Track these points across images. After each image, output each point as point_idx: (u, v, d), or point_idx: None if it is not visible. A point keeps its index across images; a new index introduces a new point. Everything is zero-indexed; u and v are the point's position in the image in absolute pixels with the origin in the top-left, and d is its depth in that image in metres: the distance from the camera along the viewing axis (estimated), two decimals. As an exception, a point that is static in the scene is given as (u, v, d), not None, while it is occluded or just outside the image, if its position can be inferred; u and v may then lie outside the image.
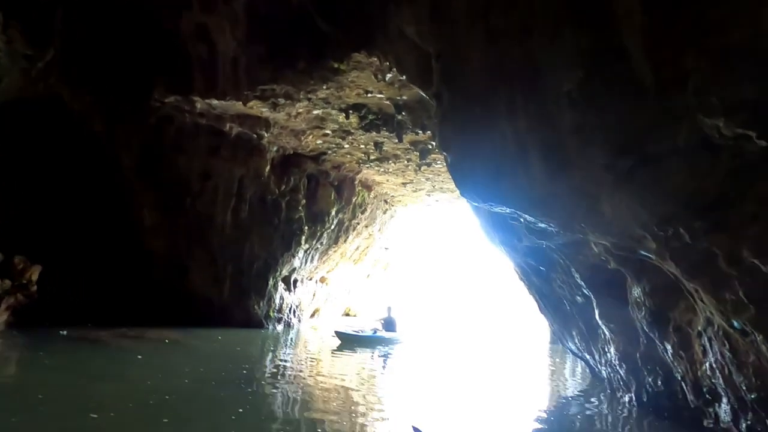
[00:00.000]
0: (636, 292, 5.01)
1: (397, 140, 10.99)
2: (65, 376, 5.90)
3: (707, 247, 3.43)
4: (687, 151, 3.33)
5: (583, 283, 6.36)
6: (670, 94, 3.28)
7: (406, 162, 13.14)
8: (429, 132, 10.07)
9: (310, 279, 15.86)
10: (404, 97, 9.18)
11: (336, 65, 8.34)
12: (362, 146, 12.18)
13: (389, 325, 12.99)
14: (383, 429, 5.21)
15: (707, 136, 3.09)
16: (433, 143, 11.41)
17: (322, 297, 18.58)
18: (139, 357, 7.33)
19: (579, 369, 11.91)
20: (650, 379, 5.31)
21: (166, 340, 8.60)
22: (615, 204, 4.04)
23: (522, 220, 5.54)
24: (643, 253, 4.23)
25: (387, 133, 10.95)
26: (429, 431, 4.28)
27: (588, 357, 7.66)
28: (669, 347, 4.62)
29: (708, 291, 3.62)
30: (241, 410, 4.93)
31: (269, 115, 10.44)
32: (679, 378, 4.69)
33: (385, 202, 17.56)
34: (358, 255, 18.37)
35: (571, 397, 7.97)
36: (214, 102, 9.85)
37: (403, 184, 15.49)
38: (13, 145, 10.18)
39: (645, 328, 5.00)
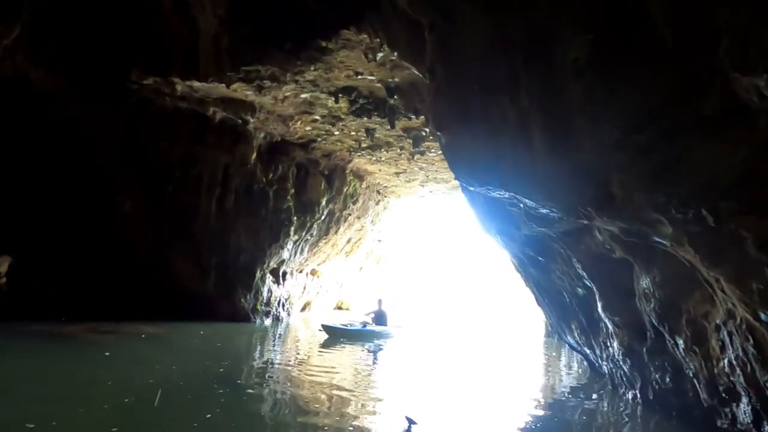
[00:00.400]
0: (644, 282, 4.64)
1: (389, 126, 10.53)
2: (9, 377, 5.21)
3: (733, 230, 3.04)
4: (714, 121, 2.93)
5: (584, 274, 5.99)
6: (696, 55, 2.87)
7: (398, 150, 12.70)
8: (422, 117, 9.62)
9: (300, 271, 15.43)
10: (396, 80, 8.71)
11: (324, 44, 7.84)
12: (353, 133, 11.71)
13: (380, 318, 12.54)
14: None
15: (741, 101, 2.69)
16: (427, 130, 11.00)
17: (313, 290, 18.18)
18: (107, 354, 6.74)
19: (575, 363, 11.65)
20: (657, 376, 4.96)
21: (143, 335, 8.11)
22: (627, 185, 3.64)
23: (522, 205, 5.14)
24: (656, 239, 3.85)
25: (378, 119, 10.49)
26: (421, 421, 4.16)
27: (588, 351, 7.33)
28: (681, 342, 4.26)
29: (732, 280, 3.24)
30: (209, 415, 4.42)
31: (254, 98, 9.92)
32: (691, 375, 4.34)
33: (378, 192, 17.12)
34: (350, 247, 17.95)
35: (568, 392, 7.65)
36: (196, 84, 9.31)
37: (396, 173, 15.06)
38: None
39: (654, 321, 4.64)
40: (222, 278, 11.35)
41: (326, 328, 11.06)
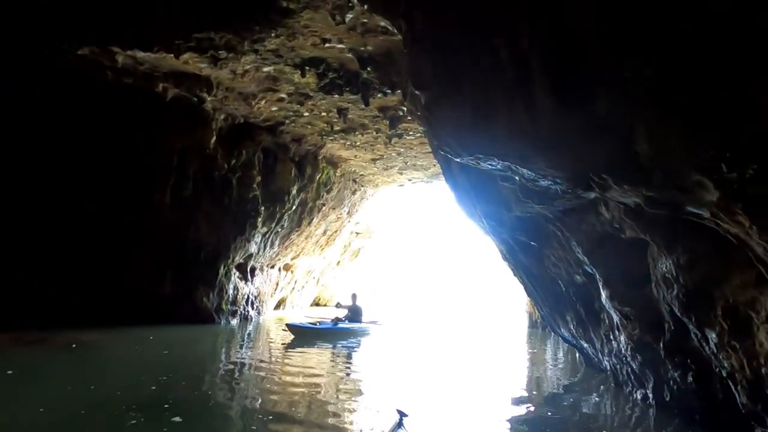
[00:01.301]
0: (664, 265, 3.88)
1: (363, 105, 9.57)
2: None
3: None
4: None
5: (585, 259, 5.24)
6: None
7: (374, 133, 11.77)
8: (399, 92, 8.71)
9: (272, 267, 14.37)
10: (369, 48, 7.76)
11: (285, 3, 6.82)
12: (324, 114, 10.71)
13: (354, 314, 11.54)
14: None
15: None
16: (404, 109, 10.09)
17: (287, 286, 17.13)
18: (9, 372, 5.31)
19: (561, 355, 11.07)
20: (677, 374, 4.23)
21: (74, 345, 6.92)
22: (659, 138, 2.83)
23: (517, 178, 4.31)
24: (690, 209, 3.06)
25: (351, 96, 9.52)
26: (413, 414, 3.94)
27: (585, 345, 6.62)
28: (712, 336, 3.52)
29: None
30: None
31: (210, 72, 8.81)
32: (724, 374, 3.60)
33: (354, 181, 16.16)
34: (325, 240, 16.97)
35: (562, 390, 6.94)
36: (140, 55, 8.14)
37: (372, 160, 14.13)
38: None
39: (676, 311, 3.89)
40: (180, 276, 10.21)
41: (292, 328, 9.84)
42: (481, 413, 5.36)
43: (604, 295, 5.09)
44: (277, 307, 18.42)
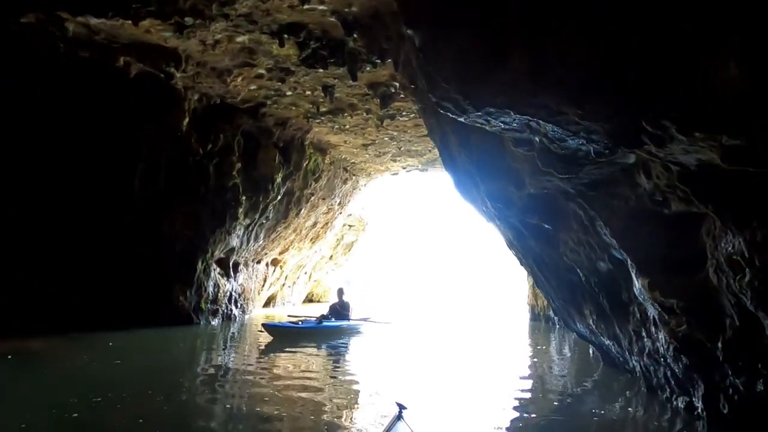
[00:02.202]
0: (731, 245, 3.03)
1: (351, 80, 8.63)
2: None
3: None
4: None
5: (614, 242, 4.37)
6: None
7: (364, 114, 10.83)
8: (390, 62, 7.77)
9: (258, 261, 13.46)
10: (354, 9, 6.80)
11: (255, -47, 5.86)
12: (308, 93, 9.75)
13: (341, 311, 10.45)
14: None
15: None
16: (396, 84, 9.17)
17: (276, 282, 16.23)
18: None
19: (567, 351, 10.32)
20: (740, 381, 3.39)
21: (9, 356, 5.87)
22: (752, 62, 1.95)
23: (537, 139, 3.43)
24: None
25: (337, 70, 8.58)
26: (412, 407, 3.86)
27: (608, 342, 5.78)
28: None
29: None
30: None
31: (177, 43, 7.82)
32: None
33: (345, 170, 15.23)
34: (316, 233, 16.05)
35: (578, 390, 6.12)
36: (93, 21, 7.13)
37: (363, 146, 13.20)
38: None
39: (747, 302, 3.04)
40: (153, 273, 9.25)
41: (269, 329, 8.78)
42: (483, 411, 4.98)
43: (638, 284, 4.23)
44: (267, 304, 17.52)
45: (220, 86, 9.24)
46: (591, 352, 8.21)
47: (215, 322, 10.57)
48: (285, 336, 8.70)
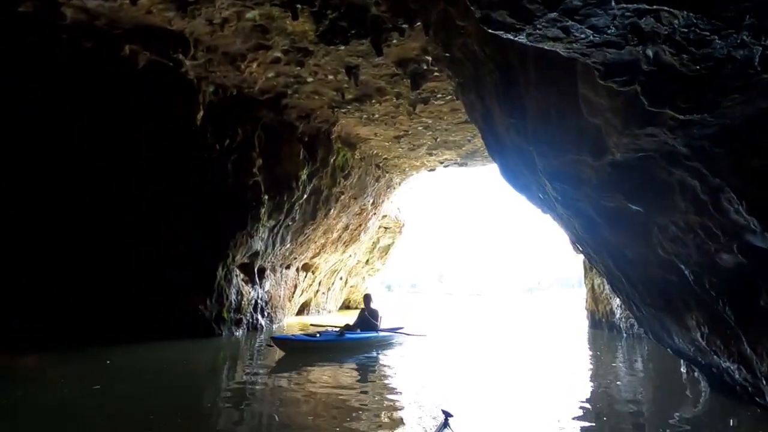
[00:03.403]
0: None
1: (376, 55, 7.57)
2: None
3: None
4: None
5: (753, 222, 2.96)
6: None
7: (395, 99, 9.72)
8: (419, 27, 6.62)
9: (287, 267, 12.62)
10: (374, -38, 5.75)
11: None
12: (331, 77, 8.78)
13: (367, 321, 9.11)
14: None
15: None
16: (429, 59, 8.02)
17: (309, 289, 15.38)
18: None
19: (639, 366, 8.60)
20: None
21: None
22: None
23: (650, 53, 2.15)
24: None
25: (360, 47, 7.55)
26: (457, 414, 3.63)
27: (726, 365, 4.27)
28: None
29: None
30: None
31: (182, 25, 7.08)
32: None
33: (377, 167, 14.17)
34: (348, 236, 15.07)
35: (676, 419, 4.60)
36: (90, 4, 6.49)
37: (395, 138, 12.10)
38: None
39: None
40: (168, 281, 8.53)
41: (279, 342, 7.52)
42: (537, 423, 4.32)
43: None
44: (301, 312, 16.74)
45: (235, 75, 8.45)
46: (684, 371, 6.59)
47: (239, 332, 9.75)
48: (299, 351, 7.49)
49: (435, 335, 12.05)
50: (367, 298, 9.42)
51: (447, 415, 3.57)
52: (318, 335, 7.95)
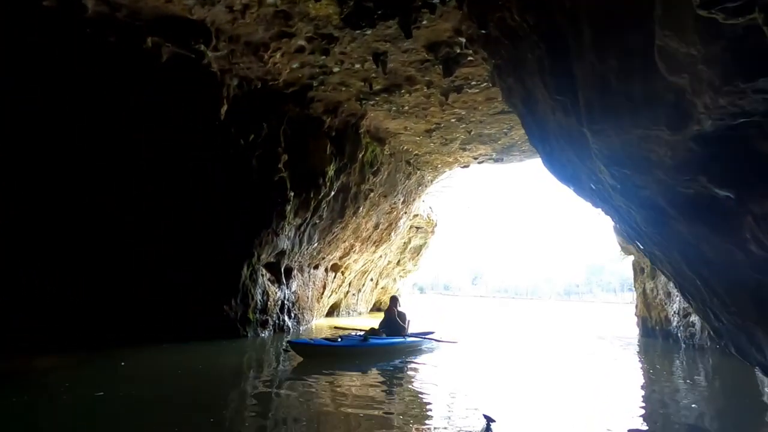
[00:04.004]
0: None
1: (405, 37, 7.03)
2: None
3: None
4: None
5: None
6: None
7: (425, 89, 9.14)
8: (453, 7, 6.02)
9: (315, 267, 12.26)
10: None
11: None
12: (357, 66, 8.32)
13: (395, 324, 8.51)
14: None
15: None
16: (462, 41, 7.38)
17: (338, 289, 15.00)
18: None
19: (702, 381, 7.61)
20: None
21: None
22: None
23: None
24: None
25: (387, 29, 7.04)
26: (500, 419, 3.71)
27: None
28: None
29: None
30: None
31: (203, 14, 6.80)
32: None
33: (408, 163, 13.60)
34: (379, 235, 14.57)
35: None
36: (110, -7, 6.31)
37: (426, 132, 11.49)
38: None
39: None
40: (193, 280, 8.30)
41: (297, 347, 7.00)
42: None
43: None
44: (330, 313, 16.40)
45: (259, 66, 8.13)
46: (763, 384, 5.64)
47: (265, 333, 9.43)
48: (318, 356, 6.98)
49: (468, 341, 11.33)
50: (393, 300, 8.82)
51: (489, 420, 3.37)
52: (340, 339, 7.41)
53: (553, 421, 4.69)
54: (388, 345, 7.99)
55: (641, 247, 5.28)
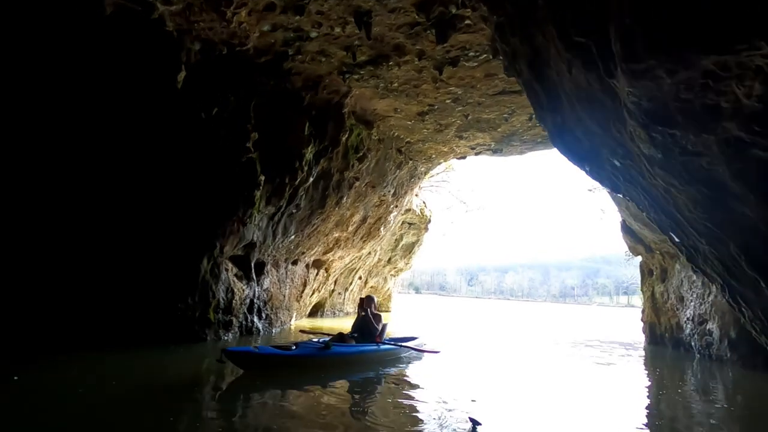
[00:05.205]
0: None
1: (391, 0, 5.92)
2: None
3: None
4: None
5: None
6: None
7: (416, 61, 8.03)
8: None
9: (294, 262, 11.14)
10: None
11: None
12: (338, 29, 7.20)
13: (367, 328, 7.31)
14: None
15: None
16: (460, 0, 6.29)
17: (322, 288, 13.87)
18: None
19: (719, 396, 6.66)
20: None
21: None
22: None
23: None
24: None
25: (370, -21, 5.92)
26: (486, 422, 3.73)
27: None
28: None
29: None
30: None
31: (148, -47, 5.66)
32: None
33: (399, 151, 12.49)
34: (366, 229, 13.45)
35: None
36: None
37: (419, 115, 10.39)
38: None
39: None
40: (141, 275, 7.13)
41: (234, 356, 5.51)
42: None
43: None
44: (314, 313, 15.28)
45: (222, 27, 7.00)
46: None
47: (228, 336, 8.29)
48: (265, 368, 5.58)
49: (455, 349, 10.25)
50: (367, 301, 7.62)
51: (475, 423, 3.25)
52: (294, 347, 6.05)
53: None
54: (356, 354, 6.74)
55: (677, 240, 4.19)
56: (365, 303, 7.57)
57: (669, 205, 3.81)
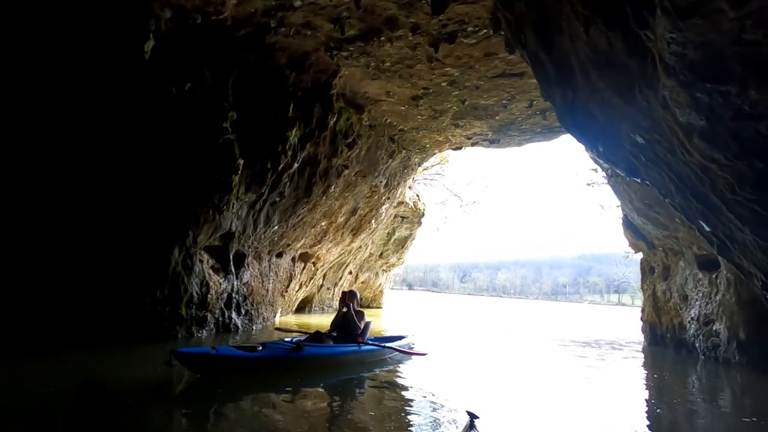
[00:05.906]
0: None
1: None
2: None
3: None
4: None
5: None
6: None
7: (410, 36, 7.39)
8: None
9: (279, 255, 10.49)
10: None
11: None
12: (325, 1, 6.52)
13: (347, 327, 6.72)
14: None
15: None
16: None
17: (309, 283, 13.24)
18: None
19: (728, 402, 6.22)
20: None
21: None
22: None
23: None
24: None
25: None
26: (483, 416, 3.56)
27: None
28: None
29: None
30: None
31: None
32: None
33: (391, 140, 11.86)
34: (357, 221, 12.83)
35: None
36: None
37: (413, 99, 9.75)
38: None
39: None
40: (106, 267, 6.44)
41: (186, 359, 4.74)
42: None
43: None
44: (301, 309, 14.66)
45: (196, -8, 6.31)
46: None
47: (203, 333, 7.63)
48: (223, 372, 4.85)
49: (444, 348, 9.70)
50: (350, 295, 7.02)
51: (472, 416, 3.31)
52: (261, 348, 5.30)
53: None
54: (332, 355, 6.03)
55: (708, 229, 3.61)
56: (347, 298, 6.95)
57: (704, 187, 3.23)
